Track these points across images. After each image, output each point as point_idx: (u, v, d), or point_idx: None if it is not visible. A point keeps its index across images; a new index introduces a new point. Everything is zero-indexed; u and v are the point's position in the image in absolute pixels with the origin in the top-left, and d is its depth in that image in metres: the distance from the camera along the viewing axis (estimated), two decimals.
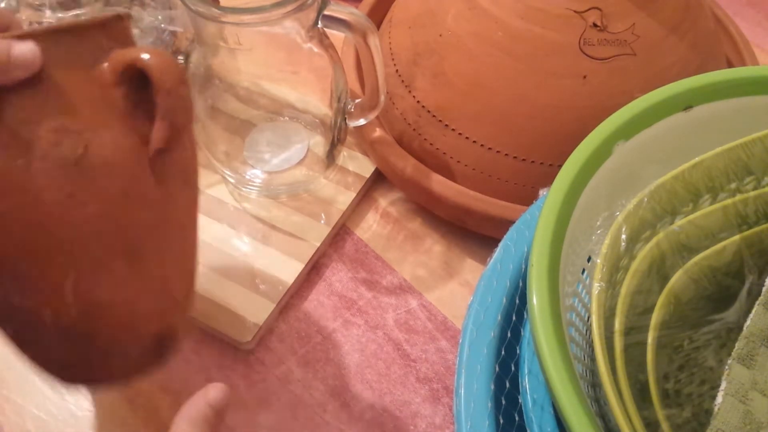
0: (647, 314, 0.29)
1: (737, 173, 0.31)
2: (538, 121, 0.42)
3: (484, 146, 0.44)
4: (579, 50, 0.41)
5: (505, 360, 0.30)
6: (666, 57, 0.42)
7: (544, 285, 0.25)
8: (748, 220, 0.31)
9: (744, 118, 0.31)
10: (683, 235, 0.30)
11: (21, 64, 0.25)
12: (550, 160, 0.43)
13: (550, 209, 0.27)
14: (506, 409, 0.29)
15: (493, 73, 0.42)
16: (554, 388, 0.22)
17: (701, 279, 0.31)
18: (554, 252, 0.26)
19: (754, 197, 0.31)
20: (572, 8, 0.40)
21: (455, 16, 0.44)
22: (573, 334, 0.26)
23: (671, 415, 0.28)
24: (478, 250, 0.47)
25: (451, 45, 0.44)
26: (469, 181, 0.45)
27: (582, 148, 0.29)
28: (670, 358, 0.31)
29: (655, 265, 0.29)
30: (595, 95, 0.41)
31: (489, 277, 0.33)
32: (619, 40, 0.41)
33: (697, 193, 0.31)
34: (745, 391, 0.29)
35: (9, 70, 0.25)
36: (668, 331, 0.30)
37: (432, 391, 0.40)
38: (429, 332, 0.43)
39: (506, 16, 0.42)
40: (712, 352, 0.31)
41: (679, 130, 0.31)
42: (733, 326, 0.31)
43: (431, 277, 0.46)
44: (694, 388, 0.30)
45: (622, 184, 0.29)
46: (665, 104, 0.30)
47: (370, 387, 0.40)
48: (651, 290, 0.29)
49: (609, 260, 0.27)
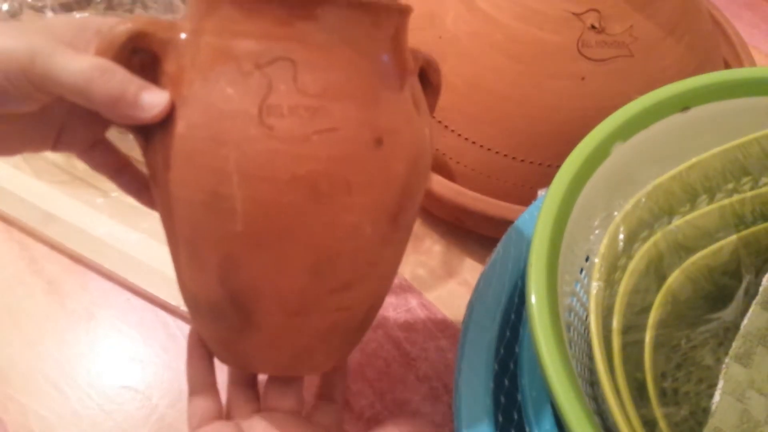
0: (645, 313, 0.29)
1: (734, 173, 0.31)
2: (537, 122, 0.42)
3: (483, 147, 0.44)
4: (577, 52, 0.41)
5: (504, 359, 0.31)
6: (664, 58, 0.43)
7: (543, 284, 0.25)
8: (745, 220, 0.31)
9: (741, 119, 0.31)
10: (681, 234, 0.30)
11: (147, 110, 0.24)
12: (549, 160, 0.43)
13: (548, 209, 0.27)
14: (505, 408, 0.29)
15: (492, 74, 0.42)
16: (553, 386, 0.23)
17: (698, 278, 0.31)
18: (552, 252, 0.26)
19: (750, 197, 0.31)
20: (570, 10, 0.41)
21: (454, 18, 0.44)
22: (571, 333, 0.26)
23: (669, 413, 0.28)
24: (478, 250, 0.47)
25: (451, 47, 0.44)
26: (468, 181, 0.45)
27: (580, 149, 0.29)
28: (667, 357, 0.31)
29: (653, 265, 0.30)
30: (593, 96, 0.41)
31: (488, 276, 0.33)
32: (617, 42, 0.41)
33: (694, 194, 0.31)
34: (742, 389, 0.30)
35: (131, 114, 0.24)
36: (666, 330, 0.30)
37: (432, 389, 0.41)
38: (429, 331, 0.43)
39: (505, 18, 0.42)
40: (710, 351, 0.31)
41: (677, 131, 0.31)
42: (730, 325, 0.31)
43: (431, 276, 0.46)
44: (691, 387, 0.31)
45: (620, 185, 0.30)
46: (663, 105, 0.31)
47: (370, 385, 0.41)
48: (649, 289, 0.30)
49: (607, 260, 0.27)
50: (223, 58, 0.24)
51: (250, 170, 0.24)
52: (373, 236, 0.26)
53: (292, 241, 0.25)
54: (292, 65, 0.24)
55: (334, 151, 0.24)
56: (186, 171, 0.25)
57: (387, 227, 0.27)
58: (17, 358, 0.41)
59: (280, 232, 0.25)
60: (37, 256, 0.46)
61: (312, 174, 0.24)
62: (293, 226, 0.25)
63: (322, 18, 0.24)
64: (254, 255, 0.25)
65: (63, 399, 0.40)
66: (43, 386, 0.40)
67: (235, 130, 0.24)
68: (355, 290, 0.27)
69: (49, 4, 0.45)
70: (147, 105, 0.24)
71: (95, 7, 0.46)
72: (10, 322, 0.42)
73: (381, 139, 0.25)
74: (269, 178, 0.24)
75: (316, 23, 0.24)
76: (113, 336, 0.43)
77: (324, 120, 0.24)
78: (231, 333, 0.28)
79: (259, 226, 0.25)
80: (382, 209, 0.26)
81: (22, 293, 0.44)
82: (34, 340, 0.42)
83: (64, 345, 0.42)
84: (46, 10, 0.45)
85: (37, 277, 0.45)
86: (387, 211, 0.26)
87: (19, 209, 0.47)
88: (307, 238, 0.25)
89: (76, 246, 0.46)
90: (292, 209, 0.24)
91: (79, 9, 0.45)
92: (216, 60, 0.24)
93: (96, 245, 0.46)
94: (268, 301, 0.26)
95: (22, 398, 0.40)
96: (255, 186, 0.24)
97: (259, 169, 0.24)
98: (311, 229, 0.25)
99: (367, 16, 0.25)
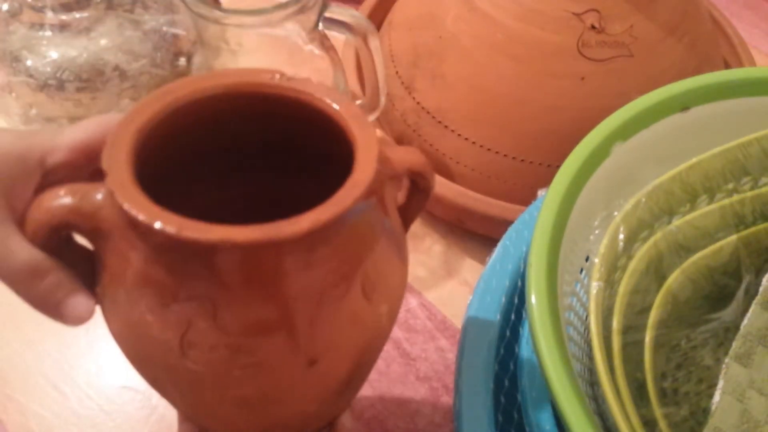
0: (645, 313, 0.29)
1: (734, 174, 0.31)
2: (537, 122, 0.42)
3: (483, 147, 0.44)
4: (577, 52, 0.41)
5: (504, 359, 0.31)
6: (664, 58, 0.43)
7: (543, 284, 0.25)
8: (745, 220, 0.31)
9: (741, 119, 0.31)
10: (681, 235, 0.30)
11: (69, 321, 0.23)
12: (549, 160, 0.43)
13: (548, 209, 0.27)
14: (505, 408, 0.29)
15: (492, 74, 0.42)
16: (553, 386, 0.23)
17: (699, 278, 0.31)
18: (552, 252, 0.26)
19: (751, 197, 0.31)
20: (570, 10, 0.41)
21: (455, 18, 0.44)
22: (571, 333, 0.26)
23: (669, 413, 0.28)
24: (478, 250, 0.47)
25: (451, 47, 0.44)
26: (468, 181, 0.45)
27: (580, 149, 0.29)
28: (667, 357, 0.31)
29: (653, 265, 0.30)
30: (593, 96, 0.41)
31: (488, 276, 0.33)
32: (617, 42, 0.41)
33: (694, 194, 0.31)
34: (742, 389, 0.30)
35: (55, 319, 0.23)
36: (666, 330, 0.30)
37: (432, 389, 0.41)
38: (429, 331, 0.43)
39: (505, 18, 0.42)
40: (710, 351, 0.31)
41: (677, 131, 0.31)
42: (730, 325, 0.31)
43: (431, 276, 0.46)
44: (691, 387, 0.31)
45: (620, 185, 0.30)
46: (663, 105, 0.31)
47: (370, 386, 0.41)
48: (649, 289, 0.30)
49: (607, 260, 0.27)
50: (143, 281, 0.23)
51: (180, 386, 0.25)
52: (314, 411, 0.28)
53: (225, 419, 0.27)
54: (211, 303, 0.22)
55: (260, 381, 0.24)
56: (128, 354, 0.25)
57: (332, 398, 0.28)
58: (17, 358, 0.41)
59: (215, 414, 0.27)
60: None
61: (238, 396, 0.25)
62: (226, 416, 0.26)
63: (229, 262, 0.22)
64: (189, 401, 0.27)
65: (62, 399, 0.40)
66: (43, 386, 0.40)
67: (159, 355, 0.24)
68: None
69: (49, 4, 0.45)
70: (70, 315, 0.23)
71: (95, 7, 0.46)
72: (10, 322, 0.42)
73: (315, 359, 0.24)
74: (199, 394, 0.25)
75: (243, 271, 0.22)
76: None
77: (246, 356, 0.23)
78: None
79: (197, 413, 0.27)
80: (319, 401, 0.27)
81: None
82: (33, 340, 0.42)
83: (63, 345, 0.42)
84: (46, 10, 0.45)
85: None
86: (326, 399, 0.27)
87: None
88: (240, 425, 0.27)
89: None
90: (222, 412, 0.26)
91: (79, 9, 0.45)
92: (136, 279, 0.23)
93: None
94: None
95: (22, 398, 0.39)
96: (188, 394, 0.25)
97: (189, 387, 0.25)
98: (244, 422, 0.27)
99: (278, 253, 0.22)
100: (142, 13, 0.48)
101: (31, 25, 0.45)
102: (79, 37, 0.45)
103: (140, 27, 0.47)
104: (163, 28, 0.48)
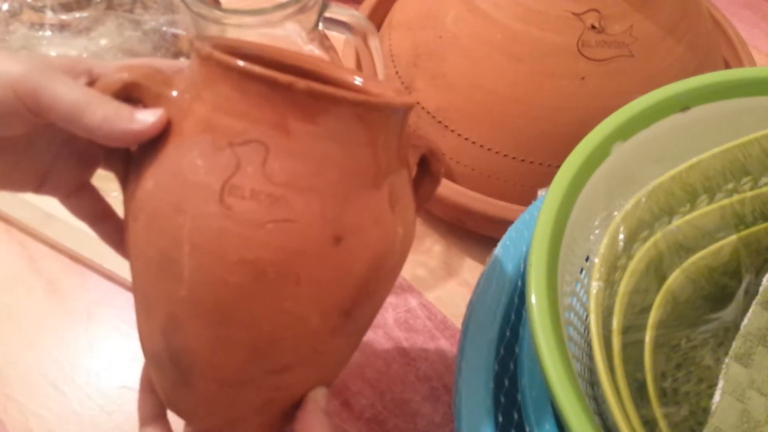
0: (645, 313, 0.29)
1: (734, 174, 0.31)
2: (537, 122, 0.42)
3: (483, 147, 0.44)
4: (577, 52, 0.41)
5: (504, 359, 0.31)
6: (664, 58, 0.43)
7: (543, 284, 0.25)
8: (745, 220, 0.31)
9: (741, 119, 0.31)
10: (681, 234, 0.30)
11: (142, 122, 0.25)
12: (549, 160, 0.43)
13: (548, 209, 0.27)
14: (505, 408, 0.29)
15: (492, 74, 0.42)
16: (553, 386, 0.23)
17: (698, 278, 0.31)
18: (553, 252, 0.26)
19: (751, 197, 0.31)
20: (571, 10, 0.41)
21: (455, 18, 0.44)
22: (571, 333, 0.26)
23: (669, 413, 0.28)
24: (478, 250, 0.47)
25: (451, 47, 0.44)
26: (468, 181, 0.45)
27: (580, 149, 0.29)
28: (667, 357, 0.31)
29: (653, 265, 0.30)
30: (593, 96, 0.41)
31: (488, 276, 0.33)
32: (617, 42, 0.41)
33: (694, 194, 0.31)
34: (742, 389, 0.30)
35: (127, 128, 0.24)
36: (666, 330, 0.30)
37: (432, 389, 0.41)
38: (429, 331, 0.43)
39: (505, 18, 0.42)
40: (710, 350, 0.31)
41: (677, 131, 0.31)
42: (730, 325, 0.31)
43: (431, 276, 0.46)
44: (691, 387, 0.31)
45: (620, 185, 0.30)
46: (663, 105, 0.31)
47: (370, 385, 0.41)
48: (649, 289, 0.30)
49: (607, 260, 0.27)
50: (202, 127, 0.24)
51: (200, 244, 0.24)
52: (321, 327, 0.26)
53: (232, 318, 0.25)
54: (264, 149, 0.24)
55: (287, 243, 0.24)
56: (146, 228, 0.25)
57: (338, 320, 0.26)
58: (17, 358, 0.41)
59: (222, 308, 0.25)
60: (37, 255, 0.46)
61: (260, 260, 0.24)
62: (235, 305, 0.25)
63: (321, 121, 0.24)
64: (195, 322, 0.25)
65: (62, 399, 0.40)
66: (43, 386, 0.40)
67: (194, 202, 0.24)
68: (296, 373, 0.27)
69: (49, 4, 0.45)
70: (142, 118, 0.25)
71: (95, 7, 0.46)
72: (10, 321, 0.42)
73: (341, 237, 0.25)
74: (218, 255, 0.24)
75: (313, 124, 0.24)
76: (113, 336, 0.43)
77: (283, 210, 0.24)
78: (170, 385, 0.28)
79: (202, 297, 0.25)
80: (332, 303, 0.26)
81: (22, 293, 0.44)
82: (33, 339, 0.42)
83: (63, 345, 0.42)
84: (46, 10, 0.45)
85: (36, 277, 0.45)
86: (338, 306, 0.26)
87: (19, 209, 0.47)
88: (248, 319, 0.25)
89: (76, 246, 0.46)
90: (236, 289, 0.24)
91: (78, 9, 0.45)
92: (195, 128, 0.24)
93: (96, 245, 0.45)
94: (203, 367, 0.26)
95: (22, 398, 0.40)
96: (203, 259, 0.24)
97: (209, 244, 0.24)
98: (253, 311, 0.25)
99: (367, 115, 0.25)
100: (142, 13, 0.48)
101: (31, 25, 0.45)
102: (78, 37, 0.45)
103: (140, 27, 0.47)
104: (163, 28, 0.48)
